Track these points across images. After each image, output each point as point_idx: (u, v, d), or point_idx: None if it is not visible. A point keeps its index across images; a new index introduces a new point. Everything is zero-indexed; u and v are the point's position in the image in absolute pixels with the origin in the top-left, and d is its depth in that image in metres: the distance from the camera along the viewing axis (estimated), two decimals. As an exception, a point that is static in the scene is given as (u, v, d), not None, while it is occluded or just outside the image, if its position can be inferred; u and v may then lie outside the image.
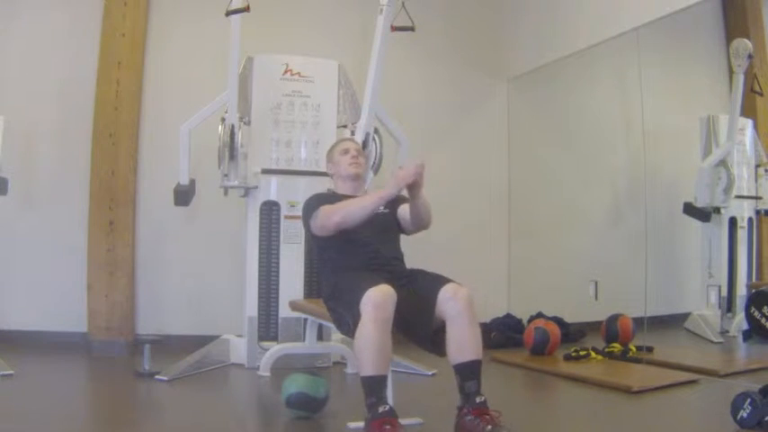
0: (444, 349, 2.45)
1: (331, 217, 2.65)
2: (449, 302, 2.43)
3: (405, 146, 4.09)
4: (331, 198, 2.85)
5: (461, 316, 2.40)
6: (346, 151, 2.97)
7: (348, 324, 2.46)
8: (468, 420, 2.29)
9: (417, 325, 2.50)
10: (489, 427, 2.24)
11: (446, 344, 2.42)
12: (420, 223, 2.76)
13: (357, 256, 2.70)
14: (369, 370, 2.31)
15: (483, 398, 2.33)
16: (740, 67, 4.19)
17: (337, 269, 2.72)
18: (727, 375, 3.60)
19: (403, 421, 2.32)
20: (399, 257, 2.84)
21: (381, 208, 2.74)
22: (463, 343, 2.39)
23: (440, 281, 2.51)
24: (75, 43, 4.44)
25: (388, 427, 2.22)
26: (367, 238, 2.72)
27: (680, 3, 3.80)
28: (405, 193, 2.60)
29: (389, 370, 2.39)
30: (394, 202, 2.77)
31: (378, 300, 2.33)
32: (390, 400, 2.36)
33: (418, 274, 2.66)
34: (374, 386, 2.30)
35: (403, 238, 2.91)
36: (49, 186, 4.39)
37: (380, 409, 2.26)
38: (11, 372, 3.40)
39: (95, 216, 4.30)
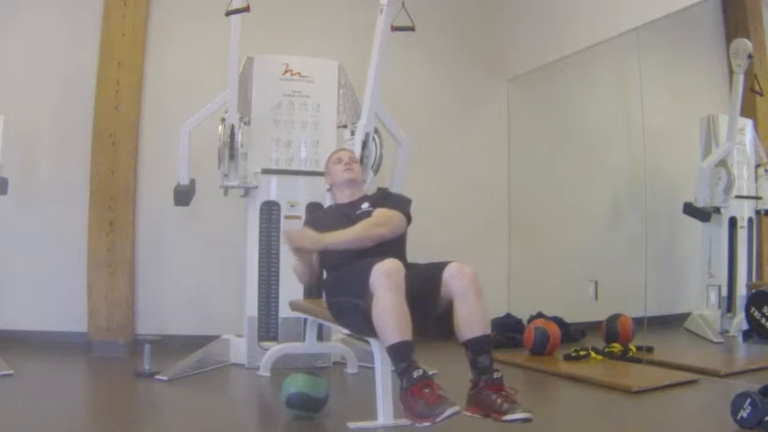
0: (451, 330, 2.42)
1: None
2: (454, 280, 2.42)
3: (405, 146, 4.09)
4: (320, 220, 2.91)
5: (468, 292, 2.39)
6: (339, 160, 3.08)
7: (358, 308, 2.43)
8: (486, 395, 2.24)
9: (423, 308, 2.47)
10: (506, 405, 2.18)
11: (454, 322, 2.39)
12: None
13: (361, 254, 2.69)
14: (394, 337, 2.29)
15: (500, 374, 2.29)
16: (740, 67, 4.19)
17: (338, 266, 2.74)
18: (727, 375, 3.60)
19: (402, 421, 2.30)
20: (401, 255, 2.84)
21: (367, 206, 2.86)
22: (472, 319, 2.36)
23: (443, 263, 2.51)
24: (75, 43, 4.43)
25: (426, 390, 2.19)
26: None
27: (680, 3, 3.80)
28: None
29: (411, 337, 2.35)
30: (376, 205, 2.85)
31: (388, 268, 2.36)
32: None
33: (419, 264, 2.66)
34: (402, 352, 2.28)
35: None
36: (49, 186, 4.39)
37: (415, 374, 2.23)
38: (11, 372, 3.40)
39: (95, 216, 4.30)
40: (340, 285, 2.67)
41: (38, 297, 4.30)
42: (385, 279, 2.34)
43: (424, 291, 2.47)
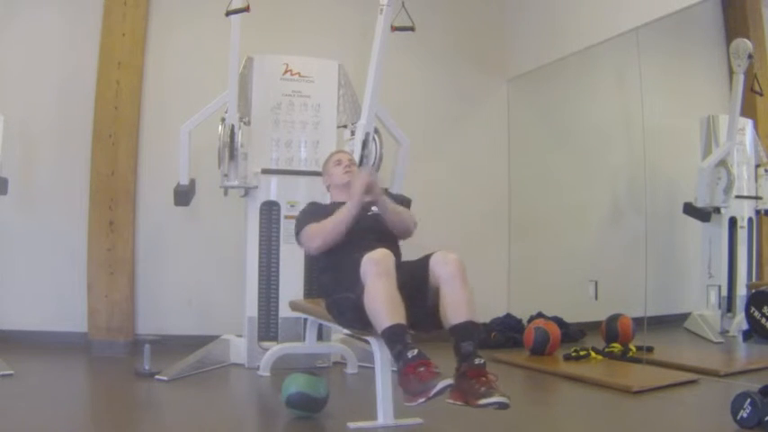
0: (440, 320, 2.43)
1: (313, 241, 2.79)
2: (439, 266, 2.45)
3: (405, 146, 4.10)
4: (321, 210, 2.93)
5: (454, 278, 2.41)
6: (339, 162, 3.14)
7: (351, 302, 2.45)
8: (465, 381, 2.23)
9: (416, 302, 2.47)
10: (483, 389, 2.17)
11: (440, 309, 2.40)
12: (398, 232, 2.85)
13: (354, 252, 2.70)
14: (386, 321, 2.30)
15: (482, 360, 2.28)
16: (740, 67, 4.19)
17: (332, 265, 2.76)
18: (727, 375, 3.61)
19: (402, 421, 2.30)
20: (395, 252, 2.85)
21: (374, 209, 2.85)
22: (457, 304, 2.38)
23: (429, 254, 2.54)
24: (75, 43, 4.43)
25: (422, 369, 2.19)
26: (361, 239, 2.74)
27: (680, 3, 3.80)
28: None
29: (406, 322, 2.34)
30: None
31: (377, 257, 2.40)
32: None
33: (410, 261, 2.68)
34: (396, 336, 2.28)
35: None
36: (49, 186, 4.38)
37: (410, 354, 2.23)
38: (11, 372, 3.40)
39: (95, 216, 4.30)
40: (334, 283, 2.70)
41: (38, 297, 4.30)
42: (373, 266, 2.37)
43: (415, 284, 2.49)
